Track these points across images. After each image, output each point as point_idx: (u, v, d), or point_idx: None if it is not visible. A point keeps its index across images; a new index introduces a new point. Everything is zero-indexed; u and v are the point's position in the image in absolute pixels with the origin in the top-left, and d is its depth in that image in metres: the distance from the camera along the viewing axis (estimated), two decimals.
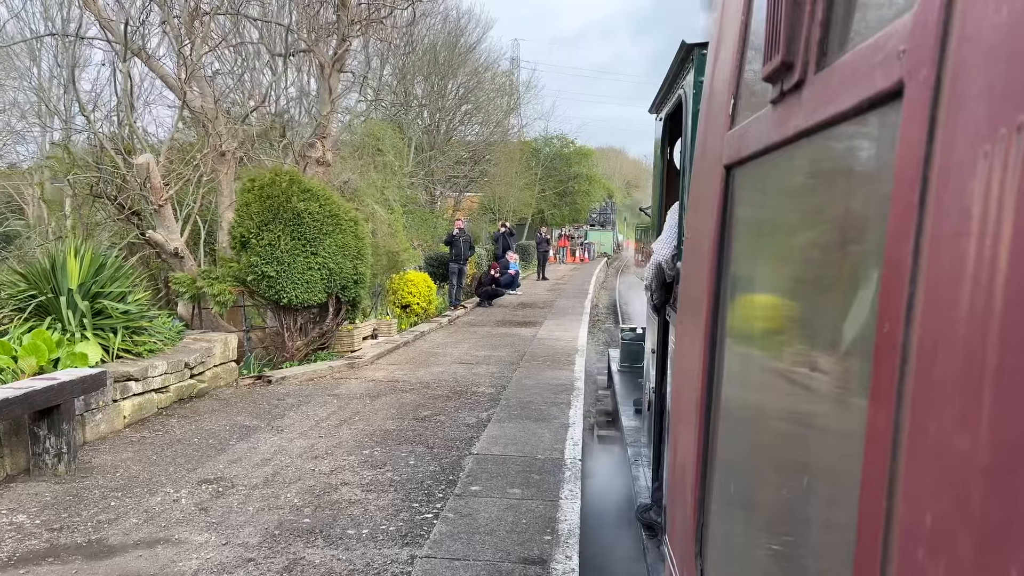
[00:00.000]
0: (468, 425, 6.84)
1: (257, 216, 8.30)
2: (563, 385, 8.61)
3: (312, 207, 8.42)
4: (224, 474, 5.41)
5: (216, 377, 7.94)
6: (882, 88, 0.76)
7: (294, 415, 7.14)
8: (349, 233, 8.77)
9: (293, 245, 8.31)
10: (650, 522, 4.00)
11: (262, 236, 8.25)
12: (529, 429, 6.69)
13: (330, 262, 8.52)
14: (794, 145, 1.09)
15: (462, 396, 8.08)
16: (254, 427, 6.68)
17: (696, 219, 1.99)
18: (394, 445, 6.21)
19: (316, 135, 10.92)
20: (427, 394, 8.13)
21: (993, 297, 0.54)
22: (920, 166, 0.66)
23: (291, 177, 8.60)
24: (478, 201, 38.61)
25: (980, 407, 0.54)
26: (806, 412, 1.08)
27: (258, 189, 8.43)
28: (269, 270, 8.19)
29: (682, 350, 2.13)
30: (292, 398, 7.85)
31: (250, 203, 8.36)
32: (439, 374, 9.25)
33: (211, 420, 6.87)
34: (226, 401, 7.59)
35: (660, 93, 4.86)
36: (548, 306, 18.04)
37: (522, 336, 12.82)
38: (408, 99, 34.40)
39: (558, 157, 46.35)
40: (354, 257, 8.79)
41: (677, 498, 1.96)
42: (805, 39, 1.03)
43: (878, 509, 0.69)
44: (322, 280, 8.50)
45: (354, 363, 9.53)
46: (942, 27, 0.65)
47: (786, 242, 1.23)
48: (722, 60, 1.71)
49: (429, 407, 7.55)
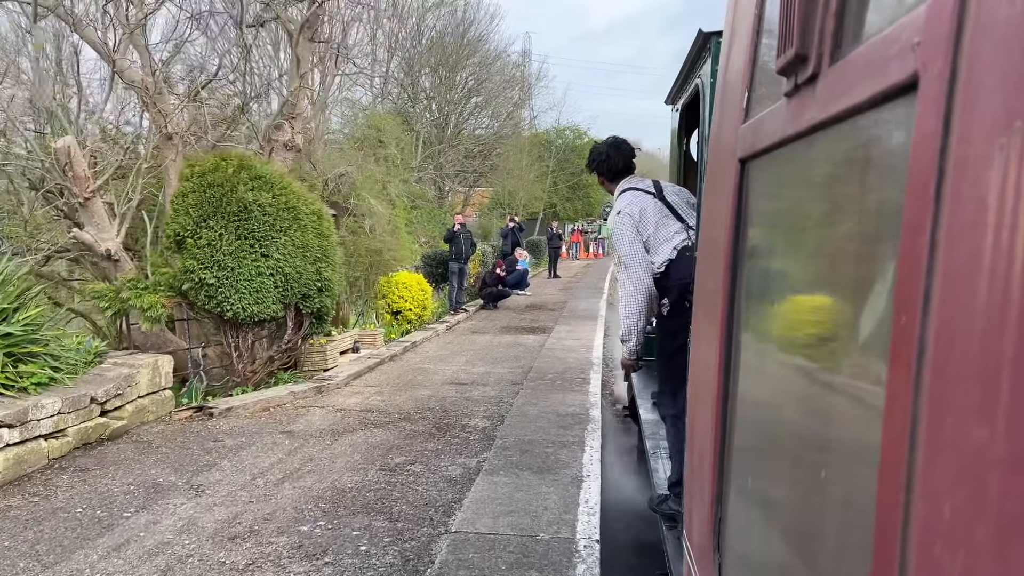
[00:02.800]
0: (450, 480, 5.20)
1: (195, 209, 6.69)
2: (575, 415, 6.95)
3: (263, 198, 6.80)
4: (92, 574, 3.81)
5: (141, 412, 6.36)
6: (897, 81, 0.76)
7: (227, 465, 5.53)
8: (311, 230, 7.13)
9: (239, 245, 6.69)
10: (669, 513, 3.71)
11: (200, 234, 6.64)
12: (530, 486, 5.05)
13: (286, 265, 6.89)
14: (809, 138, 1.10)
15: (448, 432, 6.44)
16: (168, 486, 5.08)
17: (711, 213, 1.99)
18: (346, 516, 4.58)
19: (284, 115, 9.30)
20: (405, 430, 6.50)
21: (1010, 289, 0.54)
22: (936, 159, 0.66)
23: (240, 162, 6.98)
24: (489, 196, 37.14)
25: (997, 399, 0.54)
26: (822, 405, 1.07)
27: (198, 176, 6.82)
28: (208, 276, 6.57)
29: (698, 343, 2.08)
30: (233, 438, 6.24)
31: (187, 193, 6.76)
32: (424, 400, 7.62)
33: (115, 475, 5.27)
34: (147, 444, 6.00)
35: (677, 83, 4.75)
36: (559, 308, 16.37)
37: (528, 345, 11.17)
38: (416, 91, 33.12)
39: (571, 149, 44.77)
40: (317, 259, 7.15)
41: (695, 492, 1.94)
42: (819, 31, 1.02)
43: (896, 502, 0.69)
44: (276, 288, 6.88)
45: (323, 386, 7.92)
46: (957, 19, 0.65)
47: (801, 236, 1.24)
48: (736, 53, 1.72)
49: (404, 450, 5.92)
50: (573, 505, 4.71)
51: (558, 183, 42.92)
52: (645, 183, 3.84)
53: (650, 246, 3.58)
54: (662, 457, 4.37)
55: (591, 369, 9.20)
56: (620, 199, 3.78)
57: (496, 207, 35.46)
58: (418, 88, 32.64)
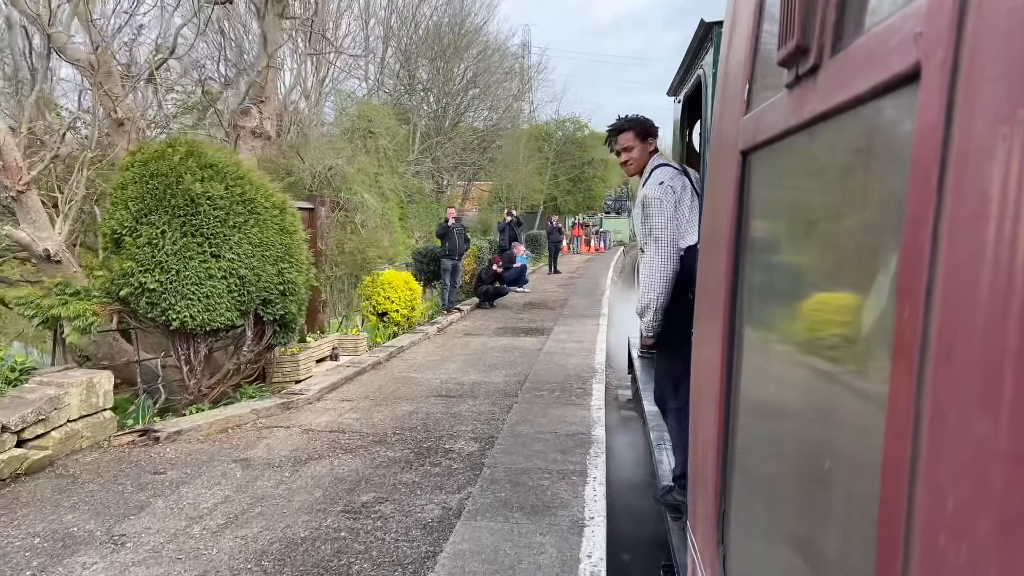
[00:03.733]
0: (425, 526, 4.31)
1: (134, 203, 5.78)
2: (576, 436, 6.05)
3: (214, 189, 5.88)
4: None
5: (71, 439, 5.47)
6: (898, 71, 0.76)
7: (161, 507, 4.64)
8: (271, 226, 6.21)
9: (185, 243, 5.77)
10: (673, 504, 3.56)
11: (139, 232, 5.73)
12: (521, 533, 4.16)
13: (241, 267, 5.97)
14: (810, 130, 1.10)
15: (429, 458, 5.55)
16: (82, 538, 4.19)
17: (713, 205, 1.98)
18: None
19: (251, 98, 8.38)
20: (379, 457, 5.61)
21: (1013, 280, 0.54)
22: (938, 150, 0.66)
23: (189, 148, 6.06)
24: (489, 190, 36.28)
25: (1001, 392, 0.55)
26: (826, 398, 1.07)
27: (139, 165, 5.91)
28: (149, 280, 5.67)
29: (700, 335, 2.08)
30: (177, 468, 5.35)
31: (126, 185, 5.85)
32: (405, 417, 6.72)
33: (21, 523, 4.39)
34: (71, 480, 5.10)
35: (679, 74, 4.74)
36: (559, 306, 15.47)
37: (526, 349, 10.28)
38: (412, 83, 32.39)
39: (571, 141, 43.86)
40: (279, 259, 6.23)
41: (698, 485, 1.95)
42: (820, 22, 1.02)
43: (899, 494, 0.69)
44: (230, 292, 5.97)
45: (292, 401, 7.02)
46: (958, 8, 0.65)
47: (803, 228, 1.24)
48: (736, 45, 1.72)
49: (375, 483, 5.03)
50: (573, 562, 3.82)
51: (558, 175, 42.03)
52: (674, 164, 3.74)
53: (680, 227, 3.46)
54: (666, 448, 4.30)
55: (593, 378, 8.30)
56: (661, 171, 3.59)
57: (496, 201, 34.61)
58: (415, 80, 31.85)
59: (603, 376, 8.45)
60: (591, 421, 6.51)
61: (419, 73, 32.22)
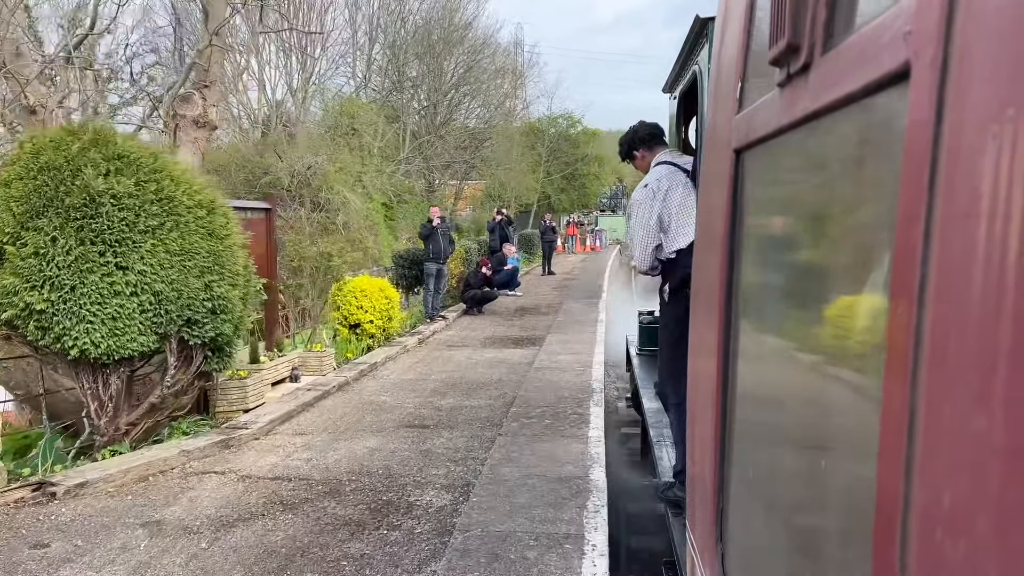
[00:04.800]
0: None
1: (19, 204, 4.66)
2: (571, 481, 4.95)
3: (121, 185, 4.75)
4: None
5: None
6: (889, 70, 0.77)
7: None
8: (195, 230, 5.06)
9: (82, 253, 4.64)
10: (674, 499, 3.46)
11: (24, 239, 4.61)
12: None
13: (156, 280, 4.83)
14: (802, 128, 1.10)
15: (388, 517, 4.45)
16: None
17: (707, 203, 1.96)
18: None
19: (193, 84, 7.25)
20: (325, 516, 4.50)
21: (1005, 277, 0.54)
22: (928, 148, 0.66)
23: (95, 136, 4.94)
24: (482, 189, 35.22)
25: (994, 387, 0.55)
26: (822, 395, 1.07)
27: (29, 157, 4.80)
28: (36, 300, 4.54)
29: (696, 332, 2.05)
30: (68, 538, 4.23)
31: (11, 182, 4.73)
32: (366, 457, 5.61)
33: None
34: None
35: (674, 71, 4.68)
36: (553, 311, 14.38)
37: (514, 363, 9.17)
38: (401, 79, 31.43)
39: (564, 138, 42.81)
40: (206, 270, 5.09)
41: (696, 483, 1.92)
42: (811, 21, 1.03)
43: (895, 491, 0.69)
44: (143, 312, 4.83)
45: (233, 438, 5.90)
46: (948, 7, 0.65)
47: (796, 226, 1.24)
48: (728, 43, 1.71)
49: (314, 559, 3.92)
50: None
51: (552, 173, 41.02)
52: (685, 159, 3.76)
53: (668, 228, 3.54)
54: (666, 445, 4.33)
55: (590, 399, 7.20)
56: (652, 171, 3.72)
57: (489, 200, 33.57)
58: (403, 76, 30.83)
59: (602, 397, 7.34)
60: (588, 459, 5.40)
61: (408, 70, 31.21)
